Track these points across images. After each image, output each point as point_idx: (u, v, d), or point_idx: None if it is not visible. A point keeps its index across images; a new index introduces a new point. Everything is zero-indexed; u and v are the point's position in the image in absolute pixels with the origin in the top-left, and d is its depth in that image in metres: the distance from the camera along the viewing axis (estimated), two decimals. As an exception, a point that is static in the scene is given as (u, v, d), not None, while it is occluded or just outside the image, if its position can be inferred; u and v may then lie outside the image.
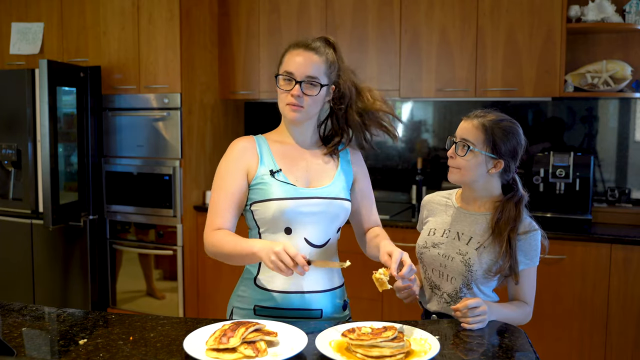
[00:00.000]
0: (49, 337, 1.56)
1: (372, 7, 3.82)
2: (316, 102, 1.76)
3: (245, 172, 1.74)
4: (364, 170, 1.91)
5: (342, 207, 1.77)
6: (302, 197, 1.71)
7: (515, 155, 1.81)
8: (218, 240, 1.69)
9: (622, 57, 3.52)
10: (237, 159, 1.75)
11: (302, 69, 1.71)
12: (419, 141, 4.12)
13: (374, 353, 1.39)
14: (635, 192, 3.60)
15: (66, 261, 4.20)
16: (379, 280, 1.55)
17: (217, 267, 4.05)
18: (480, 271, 1.76)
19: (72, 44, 4.31)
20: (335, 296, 1.80)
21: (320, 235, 1.74)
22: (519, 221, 1.77)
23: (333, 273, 1.81)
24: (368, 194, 1.91)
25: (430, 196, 2.00)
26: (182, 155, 4.02)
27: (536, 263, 1.81)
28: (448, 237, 1.83)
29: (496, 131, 1.77)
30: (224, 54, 4.28)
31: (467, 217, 1.84)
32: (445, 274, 1.82)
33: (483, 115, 1.81)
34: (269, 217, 1.71)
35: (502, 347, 1.54)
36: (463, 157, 1.78)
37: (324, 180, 1.78)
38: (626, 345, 3.12)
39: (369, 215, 1.90)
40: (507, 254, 1.73)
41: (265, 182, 1.72)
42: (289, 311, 1.74)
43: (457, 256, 1.79)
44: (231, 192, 1.73)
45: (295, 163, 1.78)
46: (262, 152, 1.77)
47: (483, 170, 1.79)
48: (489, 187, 1.83)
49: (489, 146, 1.77)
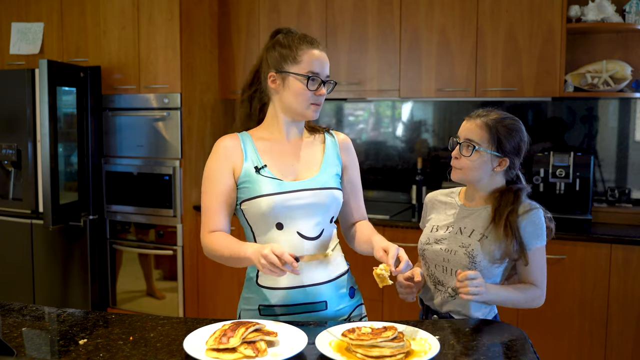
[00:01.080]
0: (49, 337, 1.56)
1: (372, 7, 3.81)
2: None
3: (231, 171, 1.74)
4: (353, 159, 1.89)
5: (332, 196, 1.76)
6: (290, 190, 1.71)
7: (520, 152, 1.83)
8: (214, 244, 1.70)
9: (622, 57, 3.52)
10: (222, 158, 1.75)
11: (325, 69, 1.75)
12: (419, 141, 4.12)
13: (374, 353, 1.39)
14: (635, 192, 3.60)
15: (66, 261, 4.20)
16: (380, 276, 1.55)
17: (217, 267, 4.05)
18: (484, 262, 1.76)
19: (72, 44, 4.31)
20: (339, 285, 1.79)
21: (312, 228, 1.74)
22: (517, 204, 1.78)
23: (334, 262, 1.79)
24: (357, 185, 1.90)
25: (433, 194, 2.00)
26: (182, 155, 4.02)
27: (543, 242, 1.78)
28: (450, 233, 1.84)
29: (500, 129, 1.78)
30: (224, 54, 4.28)
31: (470, 213, 1.85)
32: (449, 269, 1.82)
33: (486, 114, 1.82)
34: (258, 214, 1.71)
35: (502, 347, 1.54)
36: (468, 157, 1.79)
37: (312, 170, 1.77)
38: (626, 345, 3.12)
39: (357, 207, 1.89)
40: (509, 236, 1.73)
41: (251, 180, 1.72)
42: (293, 307, 1.74)
43: (460, 249, 1.79)
44: (220, 192, 1.73)
45: (280, 157, 1.77)
46: (246, 149, 1.76)
47: (488, 168, 1.80)
48: (493, 184, 1.84)
49: (494, 145, 1.78)
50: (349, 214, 1.90)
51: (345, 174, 1.86)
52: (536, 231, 1.77)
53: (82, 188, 4.12)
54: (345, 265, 1.84)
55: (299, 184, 1.73)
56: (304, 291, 1.73)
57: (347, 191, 1.86)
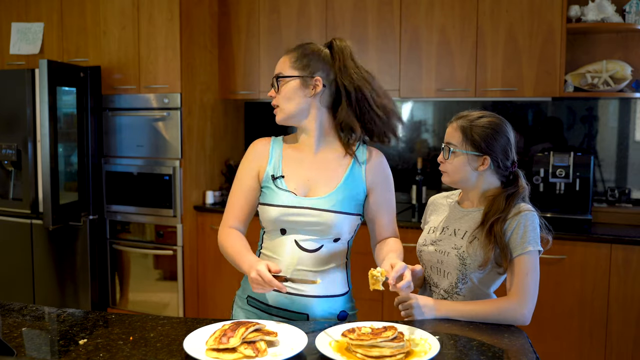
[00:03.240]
0: (49, 337, 1.56)
1: (372, 7, 3.82)
2: (286, 97, 1.77)
3: (256, 173, 1.82)
4: (382, 180, 1.83)
5: (337, 220, 1.74)
6: (296, 206, 1.74)
7: (505, 149, 1.80)
8: (226, 241, 1.79)
9: (622, 57, 3.52)
10: (250, 160, 1.84)
11: (275, 72, 1.80)
12: (418, 141, 4.13)
13: (374, 353, 1.38)
14: (635, 192, 3.60)
15: (66, 261, 4.20)
16: (374, 276, 1.56)
17: (217, 267, 4.05)
18: (474, 265, 1.75)
19: (72, 44, 4.31)
20: (329, 304, 1.78)
21: (310, 242, 1.75)
22: (507, 212, 1.74)
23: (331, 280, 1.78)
24: (383, 205, 1.84)
25: (435, 196, 2.02)
26: (182, 155, 4.02)
27: (531, 249, 1.69)
28: (445, 234, 1.84)
29: (475, 129, 1.79)
30: (224, 54, 4.28)
31: (464, 214, 1.85)
32: (442, 270, 1.82)
33: (464, 116, 1.84)
34: (266, 219, 1.79)
35: (502, 347, 1.54)
36: (448, 160, 1.81)
37: (325, 189, 1.77)
38: (626, 345, 3.12)
39: (383, 226, 1.85)
40: (490, 242, 1.70)
41: (268, 186, 1.79)
42: (275, 309, 1.77)
43: (452, 251, 1.79)
44: (242, 192, 1.82)
45: (300, 169, 1.79)
46: (272, 155, 1.82)
47: (469, 169, 1.80)
48: (484, 184, 1.83)
49: (468, 144, 1.79)
50: (374, 232, 1.88)
51: (371, 196, 1.82)
52: (524, 237, 1.70)
53: (82, 188, 4.12)
54: (344, 287, 1.82)
55: (307, 201, 1.75)
56: (290, 298, 1.75)
57: (373, 211, 1.83)
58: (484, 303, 1.71)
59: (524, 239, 1.70)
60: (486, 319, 1.67)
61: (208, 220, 4.07)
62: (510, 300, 1.68)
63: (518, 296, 1.68)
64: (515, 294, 1.68)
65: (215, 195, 4.19)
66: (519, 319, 1.67)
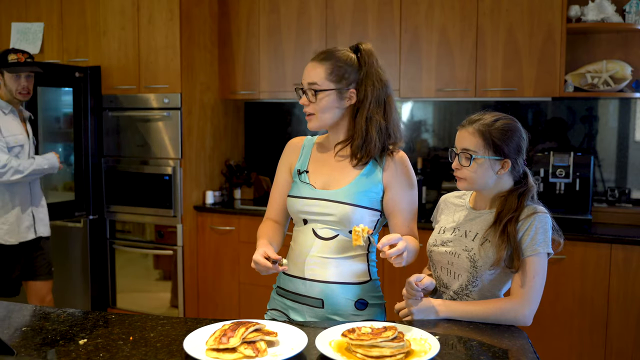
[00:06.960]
0: (49, 337, 1.56)
1: (372, 7, 3.82)
2: (323, 108, 1.82)
3: (289, 168, 1.98)
4: (398, 177, 1.86)
5: (349, 212, 1.79)
6: (315, 197, 1.85)
7: (520, 150, 1.80)
8: (259, 230, 1.95)
9: (622, 57, 3.52)
10: (285, 156, 2.00)
11: (305, 79, 1.85)
12: (419, 141, 4.12)
13: (374, 353, 1.39)
14: (635, 192, 3.60)
15: (66, 261, 4.20)
16: (356, 232, 1.64)
17: (217, 267, 4.05)
18: (485, 267, 1.73)
19: (72, 44, 4.31)
20: (346, 291, 1.81)
21: (326, 231, 1.83)
22: (520, 211, 1.74)
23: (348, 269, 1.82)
24: (399, 204, 1.86)
25: (446, 195, 2.00)
26: (182, 155, 4.02)
27: (542, 250, 1.69)
28: (456, 236, 1.83)
29: (494, 133, 1.75)
30: (224, 54, 4.28)
31: (476, 216, 1.83)
32: (453, 271, 1.81)
33: (477, 119, 1.78)
34: (291, 210, 1.92)
35: (502, 347, 1.54)
36: (468, 167, 1.76)
37: (342, 182, 1.85)
38: (626, 345, 3.12)
39: (398, 224, 1.87)
40: (504, 242, 1.69)
41: (294, 180, 1.93)
42: (293, 294, 1.87)
43: (463, 252, 1.78)
44: (279, 185, 1.99)
45: (323, 166, 1.91)
46: (303, 152, 1.96)
47: (491, 174, 1.77)
48: (501, 186, 1.81)
49: (490, 150, 1.75)
50: (391, 229, 1.90)
51: (388, 192, 1.86)
52: (534, 239, 1.70)
53: (78, 188, 4.11)
54: (365, 276, 1.85)
55: (325, 193, 1.84)
56: (304, 283, 1.84)
57: (389, 208, 1.86)
58: (486, 303, 1.70)
59: (534, 241, 1.70)
60: (487, 319, 1.67)
61: (208, 221, 4.07)
62: (513, 300, 1.68)
63: (522, 297, 1.67)
64: (520, 295, 1.68)
65: (215, 195, 4.18)
66: (521, 320, 1.67)
